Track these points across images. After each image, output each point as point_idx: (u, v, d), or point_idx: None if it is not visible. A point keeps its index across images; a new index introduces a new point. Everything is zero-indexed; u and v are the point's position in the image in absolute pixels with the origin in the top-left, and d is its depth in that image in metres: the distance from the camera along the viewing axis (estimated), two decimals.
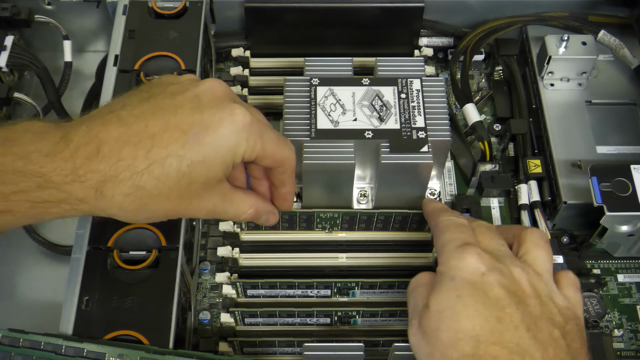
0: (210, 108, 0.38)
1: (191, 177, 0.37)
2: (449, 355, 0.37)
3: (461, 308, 0.37)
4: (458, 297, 0.38)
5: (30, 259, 0.57)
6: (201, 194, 0.38)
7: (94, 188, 0.36)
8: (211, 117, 0.37)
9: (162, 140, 0.36)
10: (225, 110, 0.38)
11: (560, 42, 0.57)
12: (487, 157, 0.55)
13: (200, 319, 0.51)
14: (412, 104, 0.49)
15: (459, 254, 0.39)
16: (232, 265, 0.50)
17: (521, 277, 0.39)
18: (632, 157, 0.54)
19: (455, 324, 0.37)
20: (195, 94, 0.39)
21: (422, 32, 0.63)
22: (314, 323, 0.50)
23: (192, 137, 0.37)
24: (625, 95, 0.58)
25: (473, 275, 0.38)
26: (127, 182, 0.36)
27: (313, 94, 0.49)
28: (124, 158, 0.36)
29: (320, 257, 0.50)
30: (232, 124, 0.38)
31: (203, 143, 0.37)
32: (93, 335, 0.42)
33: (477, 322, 0.37)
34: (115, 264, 0.45)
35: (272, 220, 0.45)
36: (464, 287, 0.38)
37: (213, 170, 0.38)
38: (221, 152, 0.38)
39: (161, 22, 0.56)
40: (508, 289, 0.38)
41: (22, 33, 0.64)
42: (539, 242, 0.42)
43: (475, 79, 0.64)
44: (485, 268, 0.39)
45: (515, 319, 0.37)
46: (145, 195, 0.37)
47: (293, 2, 0.59)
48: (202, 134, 0.37)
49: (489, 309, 0.37)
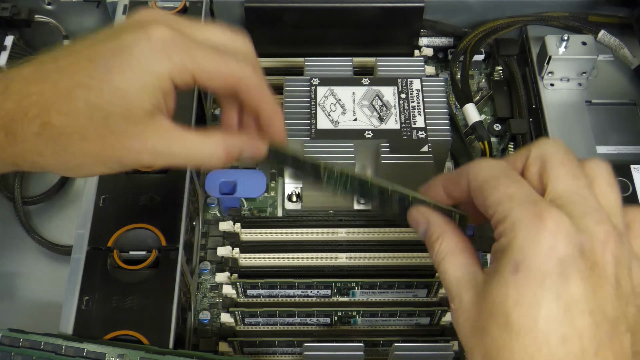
0: (125, 33, 0.33)
1: (106, 110, 0.32)
2: None
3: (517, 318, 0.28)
4: (516, 303, 0.28)
5: (30, 259, 0.57)
6: (127, 130, 0.33)
7: (4, 129, 0.33)
8: (123, 41, 0.33)
9: (69, 72, 0.33)
10: (141, 32, 0.33)
11: (560, 42, 0.57)
12: (487, 157, 0.55)
13: (200, 319, 0.51)
14: (412, 104, 0.49)
15: (527, 227, 0.29)
16: (232, 265, 0.50)
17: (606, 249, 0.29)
18: (632, 157, 0.54)
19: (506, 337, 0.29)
20: (120, 26, 0.35)
21: (422, 32, 0.63)
22: (314, 323, 0.50)
23: (101, 63, 0.32)
24: (625, 95, 0.58)
25: (546, 262, 0.28)
26: (35, 121, 0.32)
27: (313, 94, 0.49)
28: (31, 94, 0.33)
29: (320, 257, 0.50)
30: (147, 43, 0.32)
31: (113, 69, 0.32)
32: (93, 335, 0.42)
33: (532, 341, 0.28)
34: (115, 264, 0.45)
35: (257, 152, 0.38)
36: (529, 285, 0.28)
37: (132, 99, 0.33)
38: (137, 76, 0.32)
39: None
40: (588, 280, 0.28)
41: (22, 33, 0.64)
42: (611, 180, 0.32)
43: (475, 79, 0.64)
44: (564, 248, 0.28)
45: (585, 339, 0.28)
46: (58, 134, 0.33)
47: (293, 2, 0.59)
48: (112, 59, 0.32)
49: (554, 322, 0.28)
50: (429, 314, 0.48)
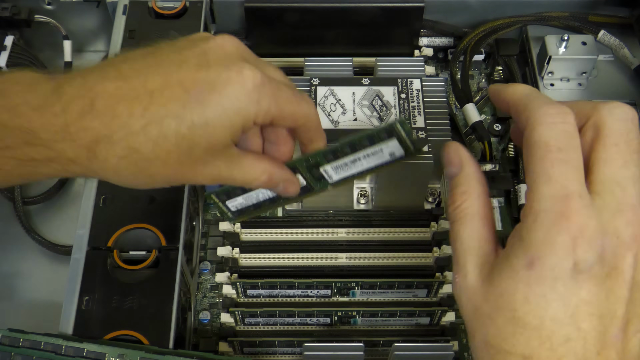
0: (217, 66, 0.34)
1: (192, 141, 0.33)
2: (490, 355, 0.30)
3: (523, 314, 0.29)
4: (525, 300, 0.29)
5: (30, 259, 0.57)
6: (205, 159, 0.34)
7: (86, 148, 0.33)
8: (217, 76, 0.33)
9: (161, 98, 0.33)
10: (233, 69, 0.34)
11: (560, 42, 0.57)
12: (487, 157, 0.55)
13: (200, 319, 0.51)
14: (412, 104, 0.49)
15: (550, 225, 0.28)
16: (232, 265, 0.50)
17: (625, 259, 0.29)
18: None
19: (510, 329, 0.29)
20: (204, 49, 0.34)
21: (422, 32, 0.63)
22: (314, 323, 0.50)
23: (194, 96, 0.33)
24: (625, 95, 0.58)
25: (561, 265, 0.28)
26: (121, 143, 0.32)
27: (313, 94, 0.49)
28: (119, 115, 0.32)
29: (320, 257, 0.50)
30: (240, 85, 0.33)
31: (206, 104, 0.33)
32: (93, 335, 0.42)
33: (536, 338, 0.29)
34: (115, 264, 0.45)
35: (292, 190, 0.39)
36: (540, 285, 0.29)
37: (217, 135, 0.34)
38: (227, 115, 0.33)
39: (161, 22, 0.56)
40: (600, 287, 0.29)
41: (22, 33, 0.64)
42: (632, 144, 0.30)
43: (475, 79, 0.64)
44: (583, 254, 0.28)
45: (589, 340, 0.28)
46: (142, 159, 0.33)
47: (293, 2, 0.59)
48: (206, 94, 0.33)
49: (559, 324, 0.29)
50: (429, 314, 0.48)
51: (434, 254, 0.50)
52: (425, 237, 0.51)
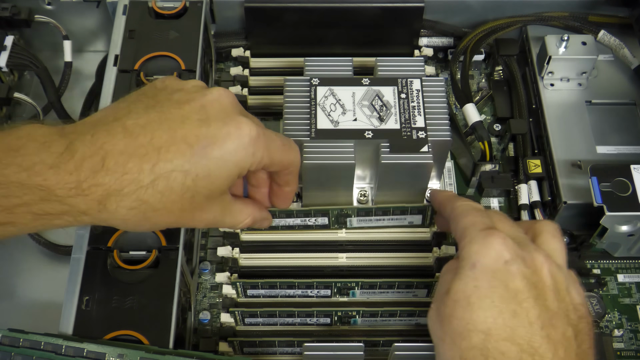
0: (217, 121, 0.37)
1: (195, 191, 0.37)
2: (457, 344, 0.36)
3: (476, 299, 0.36)
4: (475, 287, 0.37)
5: (30, 259, 0.57)
6: (203, 206, 0.38)
7: (97, 201, 0.35)
8: (218, 131, 0.37)
9: (168, 154, 0.36)
10: (231, 124, 0.37)
11: (560, 42, 0.57)
12: (487, 157, 0.55)
13: (200, 319, 0.51)
14: (412, 104, 0.49)
15: (482, 239, 0.38)
16: (232, 265, 0.50)
17: (543, 267, 0.37)
18: (632, 157, 0.54)
19: (468, 314, 0.36)
20: (202, 104, 0.38)
21: (422, 32, 0.63)
22: (314, 323, 0.50)
23: (198, 151, 0.36)
24: (625, 95, 0.58)
25: (495, 263, 0.37)
26: (131, 196, 0.36)
27: (313, 94, 0.49)
28: (129, 172, 0.35)
29: (320, 257, 0.50)
30: (239, 139, 0.37)
31: (209, 157, 0.36)
32: (93, 335, 0.42)
33: (490, 314, 0.36)
34: (115, 264, 0.45)
35: (266, 225, 0.46)
36: (484, 276, 0.37)
37: (217, 184, 0.38)
38: (227, 166, 0.37)
39: (161, 22, 0.56)
40: (529, 280, 0.37)
41: (22, 33, 0.64)
42: (555, 234, 0.41)
43: (475, 79, 0.64)
44: (509, 255, 0.37)
45: (531, 315, 0.36)
46: (149, 209, 0.36)
47: (293, 2, 0.59)
48: (209, 148, 0.36)
49: (506, 302, 0.36)
50: None
51: (434, 254, 0.50)
52: (425, 237, 0.51)
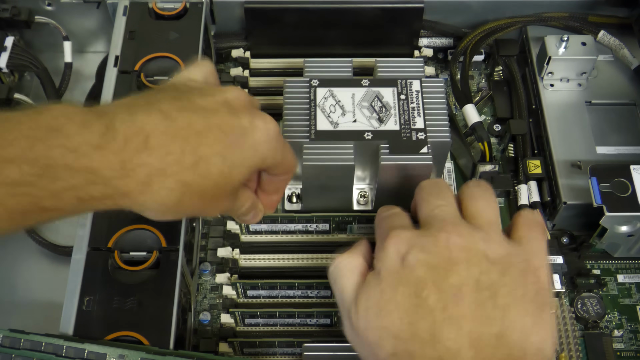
0: (244, 114, 0.38)
1: (229, 179, 0.37)
2: (377, 355, 0.36)
3: (384, 304, 0.36)
4: (381, 293, 0.36)
5: (30, 259, 0.57)
6: (228, 194, 0.39)
7: (142, 182, 0.35)
8: (248, 123, 0.38)
9: (208, 139, 0.36)
10: (258, 118, 0.38)
11: (560, 43, 0.57)
12: (487, 158, 0.55)
13: (201, 319, 0.51)
14: (411, 105, 0.49)
15: (380, 245, 0.38)
16: (232, 266, 0.50)
17: (448, 242, 0.36)
18: (631, 158, 0.54)
19: (379, 321, 0.35)
20: (225, 98, 0.38)
21: (422, 33, 0.63)
22: (314, 323, 0.50)
23: (233, 140, 0.37)
24: (625, 96, 0.58)
25: (395, 263, 0.36)
26: (174, 177, 0.35)
27: (313, 95, 0.49)
28: (172, 152, 0.35)
29: (320, 258, 0.50)
30: (267, 132, 0.38)
31: (243, 147, 0.37)
32: (94, 336, 0.42)
33: (397, 316, 0.35)
34: (115, 265, 0.45)
35: (257, 220, 0.45)
36: (387, 280, 0.36)
37: (245, 173, 0.38)
38: (256, 156, 0.38)
39: (161, 23, 0.56)
40: (429, 264, 0.35)
41: (22, 34, 0.64)
42: (474, 194, 0.39)
43: (475, 79, 0.64)
44: (405, 248, 0.36)
45: (430, 301, 0.34)
46: (188, 192, 0.36)
47: (293, 2, 0.59)
48: (242, 138, 0.37)
49: (408, 298, 0.35)
50: None
51: None
52: None
